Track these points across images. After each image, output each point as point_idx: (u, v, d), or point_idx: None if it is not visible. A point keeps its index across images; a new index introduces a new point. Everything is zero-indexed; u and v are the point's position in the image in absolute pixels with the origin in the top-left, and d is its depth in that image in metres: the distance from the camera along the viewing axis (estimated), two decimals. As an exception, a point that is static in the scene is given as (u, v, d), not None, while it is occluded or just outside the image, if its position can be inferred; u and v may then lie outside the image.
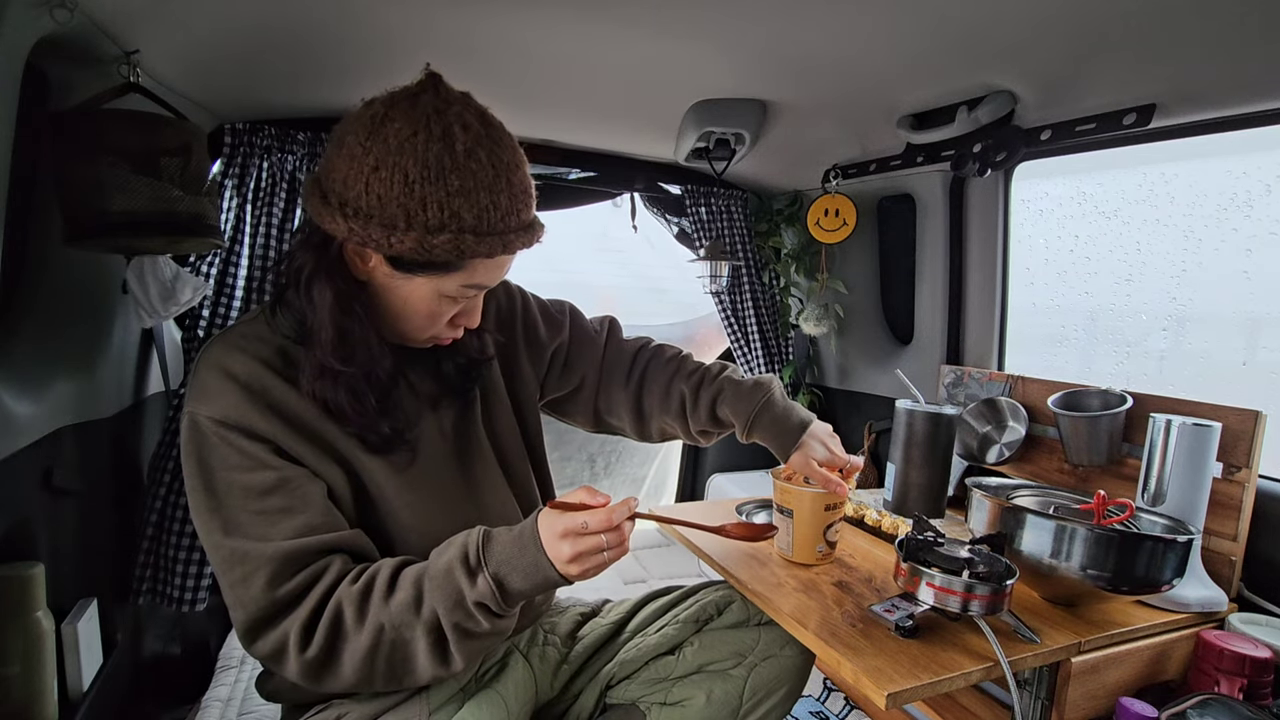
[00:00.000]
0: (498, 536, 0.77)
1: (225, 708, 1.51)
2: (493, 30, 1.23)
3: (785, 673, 1.03)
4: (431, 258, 0.74)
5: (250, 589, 0.74)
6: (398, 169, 0.71)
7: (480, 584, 0.73)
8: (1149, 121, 1.24)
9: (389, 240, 0.72)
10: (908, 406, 1.43)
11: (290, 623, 0.74)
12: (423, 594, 0.74)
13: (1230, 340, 1.49)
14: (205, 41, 1.24)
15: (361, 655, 0.74)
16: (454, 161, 0.72)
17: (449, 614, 0.74)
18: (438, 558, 0.77)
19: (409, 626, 0.74)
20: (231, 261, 1.60)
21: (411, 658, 0.75)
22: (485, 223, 0.74)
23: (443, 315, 0.83)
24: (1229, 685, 1.02)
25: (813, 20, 1.16)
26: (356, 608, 0.74)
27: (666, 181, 2.20)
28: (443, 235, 0.72)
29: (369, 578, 0.76)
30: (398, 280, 0.79)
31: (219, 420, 0.76)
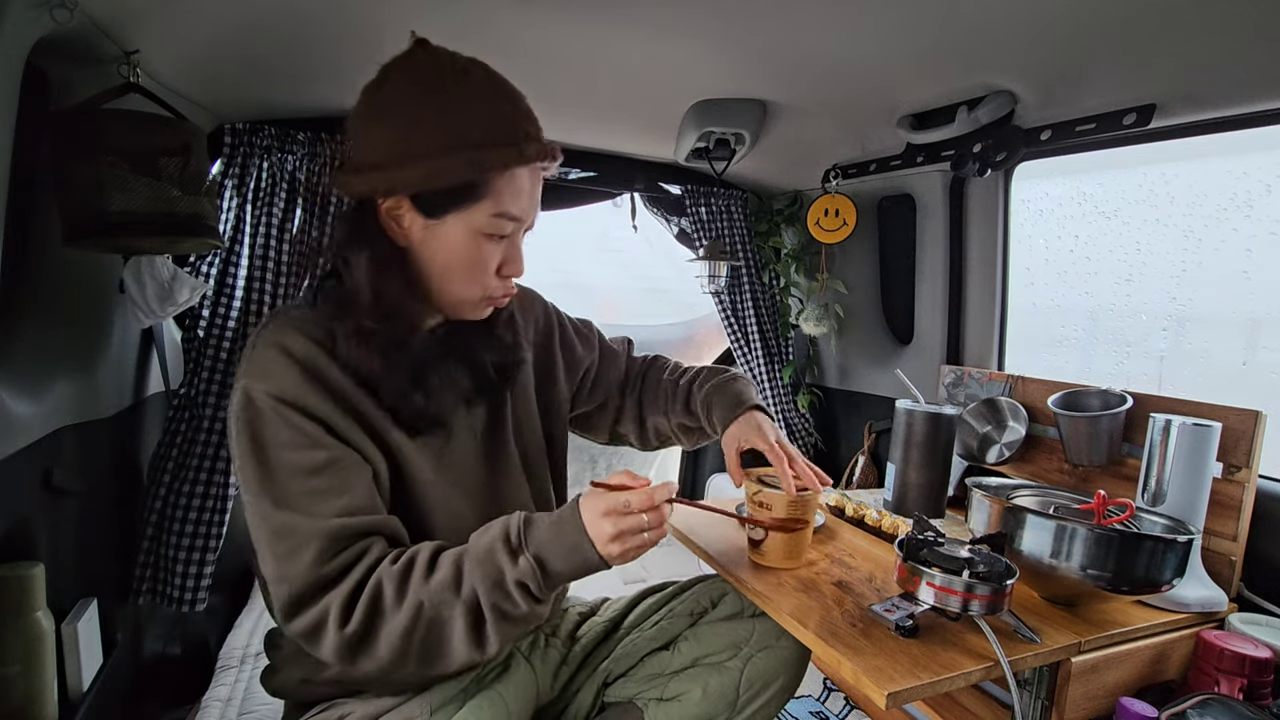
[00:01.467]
0: (539, 519, 0.78)
1: (225, 707, 1.51)
2: (493, 30, 1.23)
3: (781, 664, 1.03)
4: (451, 182, 0.76)
5: (297, 563, 0.74)
6: (399, 112, 0.76)
7: (522, 564, 0.74)
8: (1149, 121, 1.24)
9: (407, 177, 0.76)
10: (908, 406, 1.43)
11: (331, 598, 0.74)
12: (463, 573, 0.75)
13: (1230, 340, 1.49)
14: (205, 41, 1.24)
15: (399, 633, 0.73)
16: (446, 84, 0.76)
17: (489, 594, 0.74)
18: (478, 539, 0.78)
19: (448, 605, 0.74)
20: (231, 261, 1.60)
21: (447, 639, 0.75)
22: (492, 135, 0.77)
23: (486, 262, 0.83)
24: (1229, 685, 1.02)
25: (813, 20, 1.16)
26: (396, 586, 0.74)
27: (666, 181, 2.20)
28: (455, 155, 0.75)
29: (409, 558, 0.76)
30: (433, 230, 0.80)
31: (277, 397, 0.76)
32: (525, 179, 0.82)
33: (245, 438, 0.76)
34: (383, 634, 0.74)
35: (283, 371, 0.77)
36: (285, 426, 0.76)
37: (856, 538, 1.30)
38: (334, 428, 0.79)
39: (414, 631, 0.74)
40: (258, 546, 0.77)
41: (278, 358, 0.78)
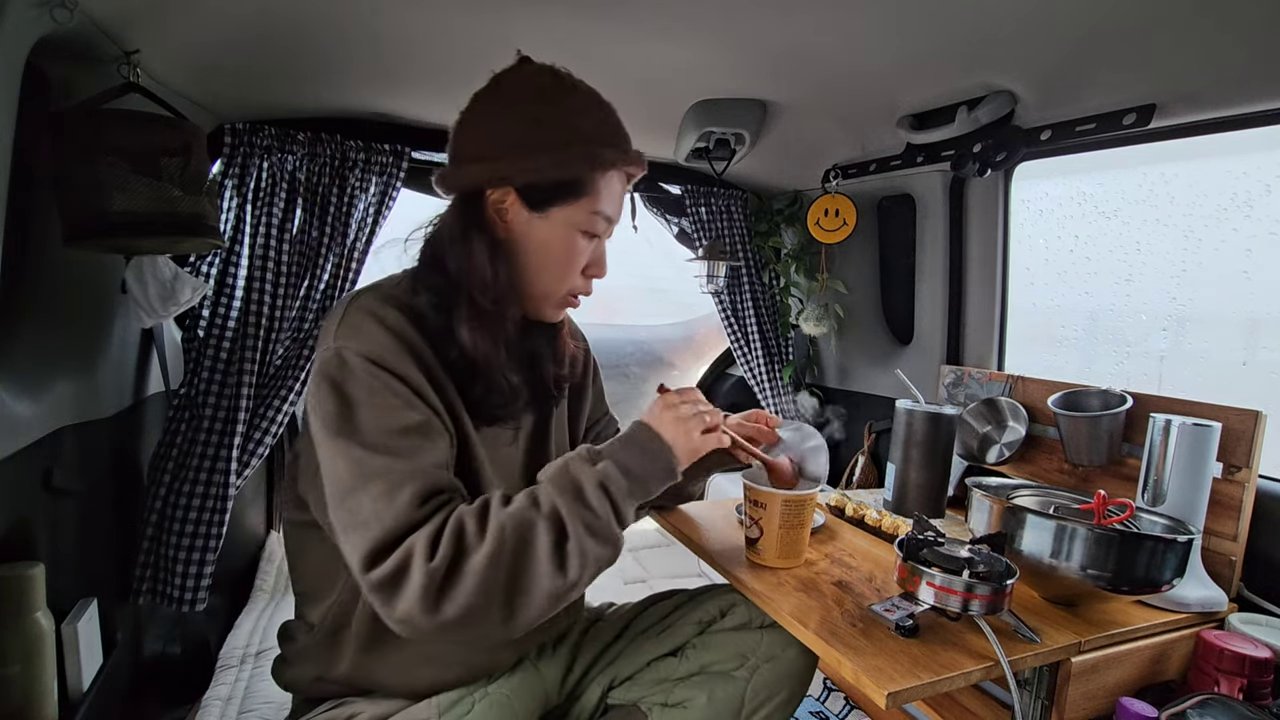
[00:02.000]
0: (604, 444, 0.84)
1: (225, 706, 1.51)
2: (493, 30, 1.23)
3: (788, 676, 1.03)
4: (564, 175, 0.83)
5: (394, 503, 0.72)
6: (519, 108, 0.83)
7: (601, 467, 0.79)
8: (1149, 121, 1.24)
9: (524, 167, 0.82)
10: (908, 406, 1.43)
11: (415, 538, 0.72)
12: (540, 494, 0.77)
13: (1230, 340, 1.49)
14: (205, 41, 1.24)
15: (483, 564, 0.71)
16: (564, 90, 0.84)
17: (570, 505, 0.76)
18: (549, 466, 0.81)
19: (529, 526, 0.74)
20: (231, 261, 1.60)
21: (531, 564, 0.73)
22: (603, 135, 0.85)
23: (578, 259, 0.89)
24: (1229, 685, 1.02)
25: (813, 20, 1.16)
26: (477, 519, 0.74)
27: (666, 181, 2.20)
28: (571, 149, 0.82)
29: (484, 499, 0.78)
30: (535, 223, 0.86)
31: (369, 358, 0.77)
32: (619, 183, 0.89)
33: (336, 395, 0.76)
34: (468, 567, 0.71)
35: (377, 336, 0.78)
36: (380, 387, 0.76)
37: (856, 538, 1.30)
38: (423, 395, 0.79)
39: (499, 559, 0.72)
40: (346, 495, 0.74)
41: (371, 324, 0.79)
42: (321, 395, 0.77)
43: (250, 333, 1.60)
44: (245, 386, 1.59)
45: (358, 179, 1.70)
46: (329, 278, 1.71)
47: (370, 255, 1.75)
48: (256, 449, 1.65)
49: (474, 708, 0.90)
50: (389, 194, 1.73)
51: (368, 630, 0.88)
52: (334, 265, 1.70)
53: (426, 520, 0.73)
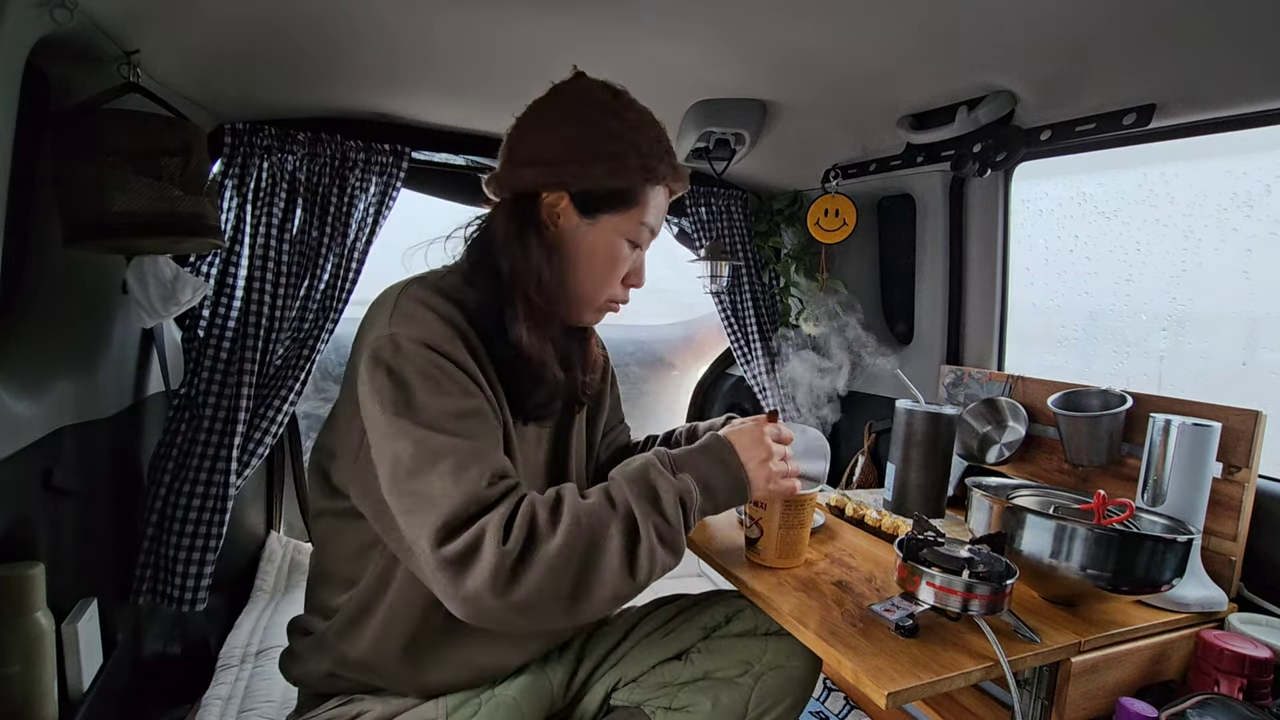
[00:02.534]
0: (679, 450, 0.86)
1: (225, 705, 1.51)
2: (493, 30, 1.23)
3: (791, 684, 1.03)
4: (618, 184, 0.87)
5: (462, 481, 0.72)
6: (581, 118, 0.88)
7: (681, 479, 0.81)
8: (1149, 121, 1.24)
9: (582, 173, 0.86)
10: (908, 406, 1.43)
11: (488, 519, 0.72)
12: (614, 495, 0.78)
13: (1230, 340, 1.49)
14: (205, 41, 1.24)
15: (555, 554, 0.71)
16: (622, 106, 0.89)
17: (646, 512, 0.77)
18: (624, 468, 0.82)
19: (603, 524, 0.75)
20: (231, 262, 1.60)
21: (601, 560, 0.73)
22: (656, 151, 0.89)
23: (620, 267, 0.93)
24: (1229, 685, 1.02)
25: (813, 20, 1.16)
26: (549, 510, 0.75)
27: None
28: (626, 159, 0.87)
29: (555, 491, 0.78)
30: (585, 228, 0.90)
31: (426, 343, 0.78)
32: (664, 197, 0.94)
33: (394, 380, 0.76)
34: (540, 555, 0.71)
35: (432, 323, 0.80)
36: (437, 371, 0.77)
37: (856, 538, 1.30)
38: (478, 382, 0.81)
39: (570, 552, 0.72)
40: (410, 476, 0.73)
41: (425, 311, 0.80)
42: (377, 381, 0.77)
43: (250, 333, 1.60)
44: (245, 386, 1.59)
45: (358, 179, 1.70)
46: (329, 278, 1.71)
47: (380, 255, 1.75)
48: (256, 449, 1.65)
49: (481, 709, 0.91)
50: (389, 194, 1.73)
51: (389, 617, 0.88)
52: (334, 265, 1.70)
53: (499, 500, 0.73)
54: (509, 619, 0.72)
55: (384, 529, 0.82)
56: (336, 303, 1.71)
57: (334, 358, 2.36)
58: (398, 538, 0.79)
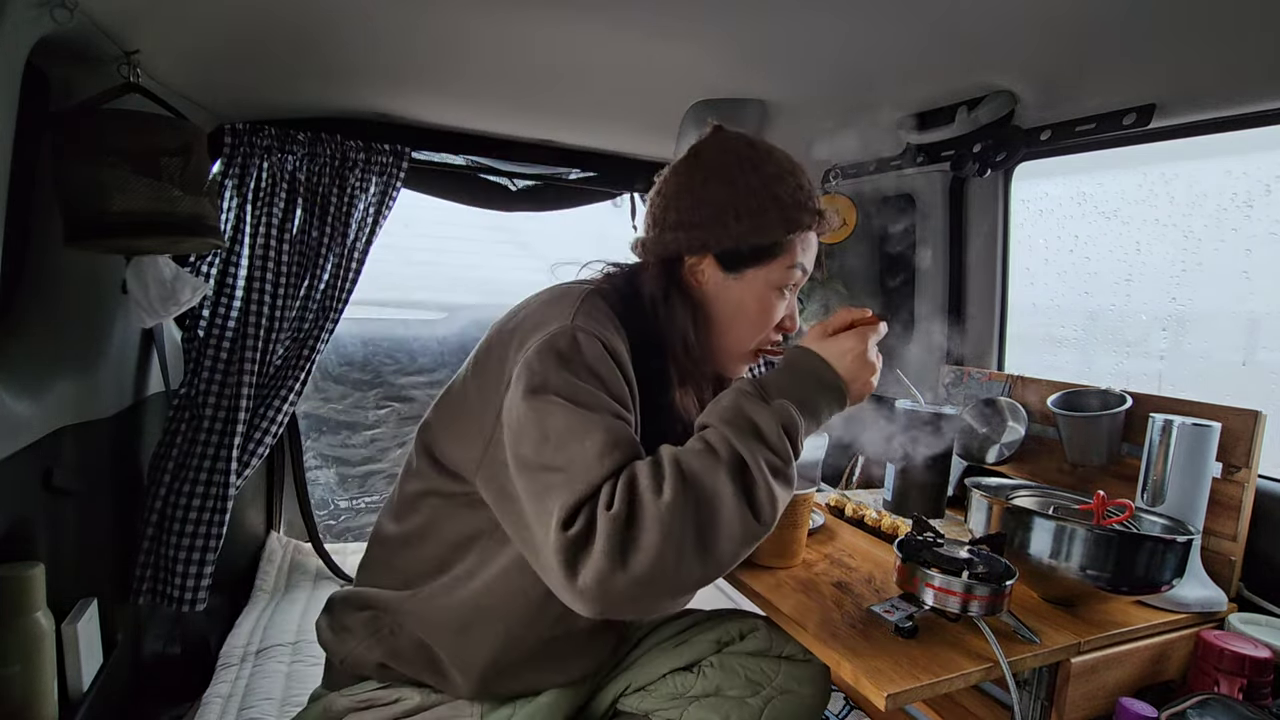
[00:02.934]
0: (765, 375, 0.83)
1: (226, 704, 1.51)
2: (492, 30, 1.23)
3: (801, 711, 1.03)
4: (761, 240, 0.88)
5: (607, 460, 0.70)
6: (721, 178, 0.88)
7: (776, 405, 0.77)
8: (1149, 121, 1.24)
9: (726, 234, 0.87)
10: (908, 406, 1.43)
11: (600, 493, 0.69)
12: (712, 439, 0.74)
13: (1230, 340, 1.49)
14: (205, 41, 1.24)
15: (667, 509, 0.67)
16: (760, 159, 0.89)
17: (750, 448, 0.73)
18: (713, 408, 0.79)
19: (709, 472, 0.71)
20: (231, 262, 1.60)
21: (718, 508, 0.70)
22: (797, 199, 0.89)
23: (772, 313, 0.93)
24: (1229, 685, 1.02)
25: (813, 20, 1.15)
26: (651, 468, 0.71)
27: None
28: (769, 214, 0.87)
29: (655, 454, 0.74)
30: (730, 283, 0.91)
31: (604, 342, 0.79)
32: (813, 239, 0.94)
33: (568, 369, 0.75)
34: (649, 513, 0.67)
35: (615, 335, 0.82)
36: (609, 372, 0.78)
37: (856, 538, 1.30)
38: (634, 400, 0.82)
39: (683, 503, 0.68)
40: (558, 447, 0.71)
41: (610, 323, 0.83)
42: (545, 364, 0.75)
43: (250, 333, 1.60)
44: (245, 386, 1.59)
45: (358, 179, 1.70)
46: (329, 278, 1.71)
47: (380, 255, 1.75)
48: (256, 449, 1.65)
49: (517, 712, 0.91)
50: (389, 194, 1.73)
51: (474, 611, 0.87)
52: (334, 265, 1.70)
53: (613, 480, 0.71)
54: (641, 594, 0.66)
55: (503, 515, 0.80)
56: (336, 303, 1.71)
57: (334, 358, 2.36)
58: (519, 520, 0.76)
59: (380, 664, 0.91)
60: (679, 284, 0.91)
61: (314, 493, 2.37)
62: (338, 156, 1.67)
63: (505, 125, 1.80)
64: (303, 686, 1.55)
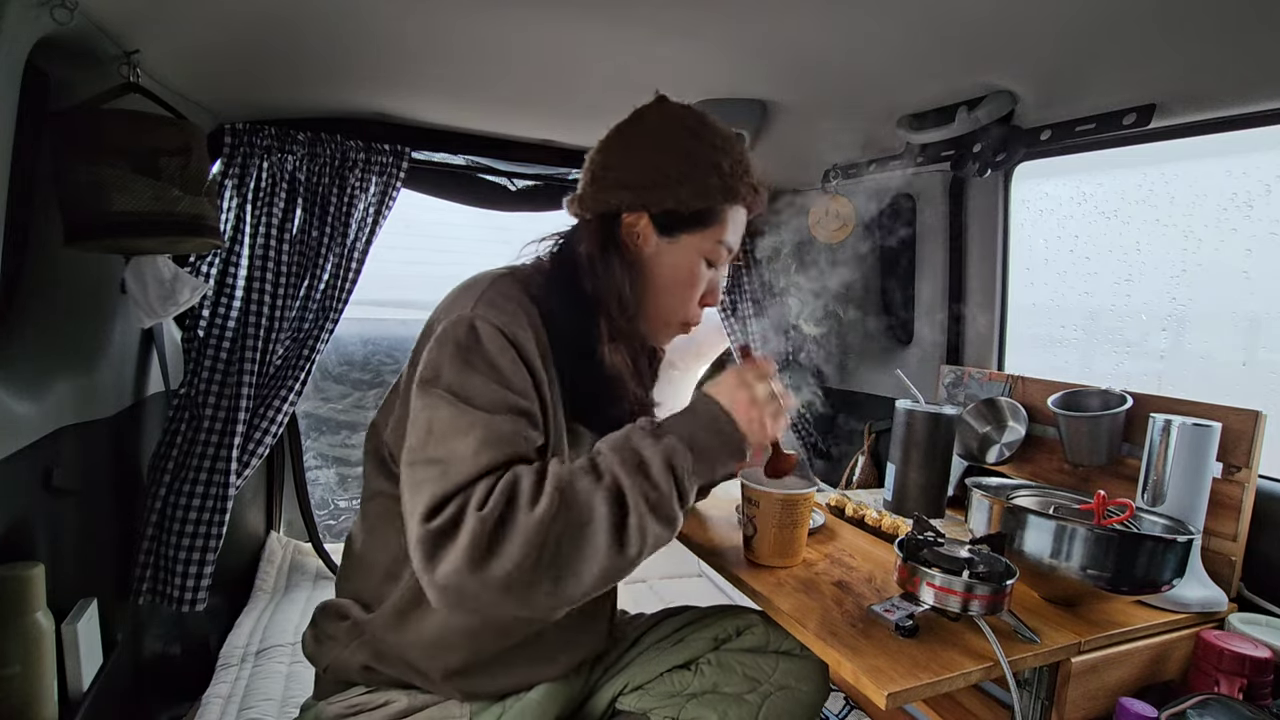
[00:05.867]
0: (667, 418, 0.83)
1: (226, 704, 1.51)
2: (492, 30, 1.23)
3: (799, 708, 1.03)
4: (701, 204, 0.88)
5: (482, 456, 0.72)
6: (666, 142, 0.90)
7: (666, 442, 0.76)
8: (1149, 121, 1.24)
9: (668, 195, 0.87)
10: (908, 406, 1.43)
11: (474, 489, 0.70)
12: (600, 464, 0.75)
13: (1230, 340, 1.49)
14: (205, 41, 1.24)
15: (536, 522, 0.68)
16: (706, 130, 0.91)
17: (632, 479, 0.73)
18: (609, 439, 0.79)
19: (587, 493, 0.71)
20: (231, 261, 1.60)
21: (587, 536, 0.70)
22: (737, 171, 0.91)
23: (698, 285, 0.94)
24: (1229, 685, 1.02)
25: (813, 20, 1.16)
26: (534, 480, 0.71)
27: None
28: (710, 181, 0.88)
29: (542, 463, 0.76)
30: (664, 247, 0.91)
31: (504, 332, 0.78)
32: (744, 216, 0.95)
33: (460, 359, 0.76)
34: (518, 522, 0.68)
35: (516, 319, 0.81)
36: (508, 363, 0.78)
37: (856, 538, 1.30)
38: (540, 389, 0.81)
39: (552, 521, 0.68)
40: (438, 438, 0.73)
41: (514, 306, 0.82)
42: (443, 354, 0.77)
43: (250, 333, 1.60)
44: (245, 386, 1.59)
45: (358, 179, 1.70)
46: (329, 278, 1.71)
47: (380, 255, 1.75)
48: (256, 449, 1.65)
49: (506, 712, 0.91)
50: (389, 194, 1.73)
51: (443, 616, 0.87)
52: (334, 265, 1.70)
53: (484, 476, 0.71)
54: (488, 600, 0.67)
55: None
56: (336, 303, 1.71)
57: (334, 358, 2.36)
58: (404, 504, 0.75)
59: (364, 667, 0.91)
60: (616, 242, 0.90)
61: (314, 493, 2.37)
62: (338, 156, 1.67)
63: (505, 125, 1.80)
64: (303, 687, 1.55)
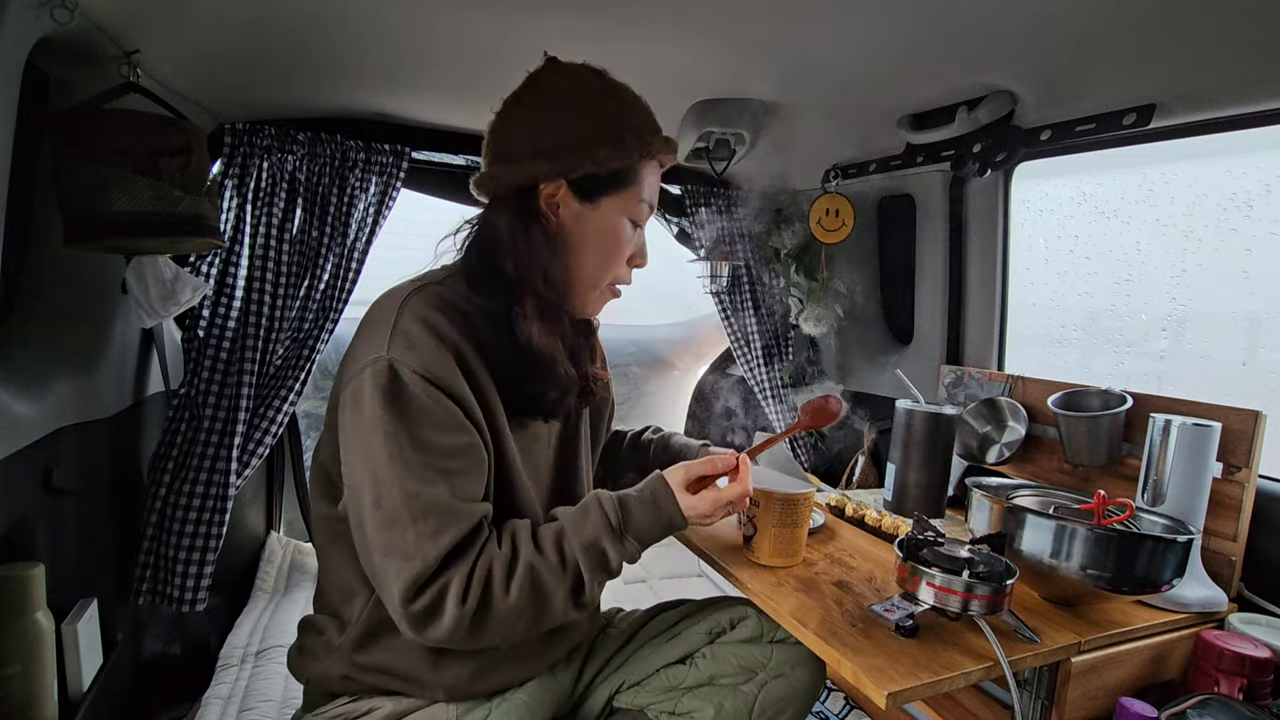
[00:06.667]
0: (632, 503, 0.86)
1: (226, 705, 1.51)
2: (492, 30, 1.23)
3: (795, 693, 1.03)
4: (620, 164, 0.86)
5: (439, 542, 0.75)
6: (576, 105, 0.86)
7: (628, 546, 0.85)
8: (1149, 121, 1.24)
9: (586, 159, 0.84)
10: (908, 406, 1.43)
11: (451, 576, 0.76)
12: (567, 559, 0.82)
13: (1230, 340, 1.49)
14: (205, 41, 1.24)
15: (510, 609, 0.78)
16: (612, 88, 0.89)
17: (593, 571, 0.82)
18: (579, 524, 0.84)
19: (555, 584, 0.81)
20: (231, 261, 1.60)
21: (551, 608, 0.81)
22: (649, 126, 0.90)
23: (625, 247, 0.93)
24: (1229, 685, 1.02)
25: (813, 20, 1.16)
26: (505, 567, 0.79)
27: (666, 181, 2.19)
28: (626, 139, 0.86)
29: (511, 541, 0.82)
30: (586, 213, 0.89)
31: (425, 375, 0.77)
32: (658, 171, 0.94)
33: (389, 411, 0.75)
34: (495, 611, 0.77)
35: (432, 351, 0.78)
36: (434, 406, 0.77)
37: (856, 538, 1.30)
38: (470, 413, 0.80)
39: (524, 608, 0.79)
40: (391, 523, 0.75)
41: (426, 337, 0.79)
42: (375, 408, 0.76)
43: (250, 333, 1.60)
44: (245, 386, 1.59)
45: (358, 179, 1.70)
46: (329, 278, 1.71)
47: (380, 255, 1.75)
48: (256, 449, 1.65)
49: (492, 712, 0.91)
50: (389, 194, 1.73)
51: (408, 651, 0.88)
52: (334, 265, 1.70)
53: (461, 558, 0.77)
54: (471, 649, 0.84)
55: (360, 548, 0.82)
56: (336, 303, 1.71)
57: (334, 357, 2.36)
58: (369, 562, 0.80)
59: (344, 677, 0.91)
60: (536, 215, 0.87)
61: (314, 493, 2.37)
62: (338, 156, 1.67)
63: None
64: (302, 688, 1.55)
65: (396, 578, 0.75)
